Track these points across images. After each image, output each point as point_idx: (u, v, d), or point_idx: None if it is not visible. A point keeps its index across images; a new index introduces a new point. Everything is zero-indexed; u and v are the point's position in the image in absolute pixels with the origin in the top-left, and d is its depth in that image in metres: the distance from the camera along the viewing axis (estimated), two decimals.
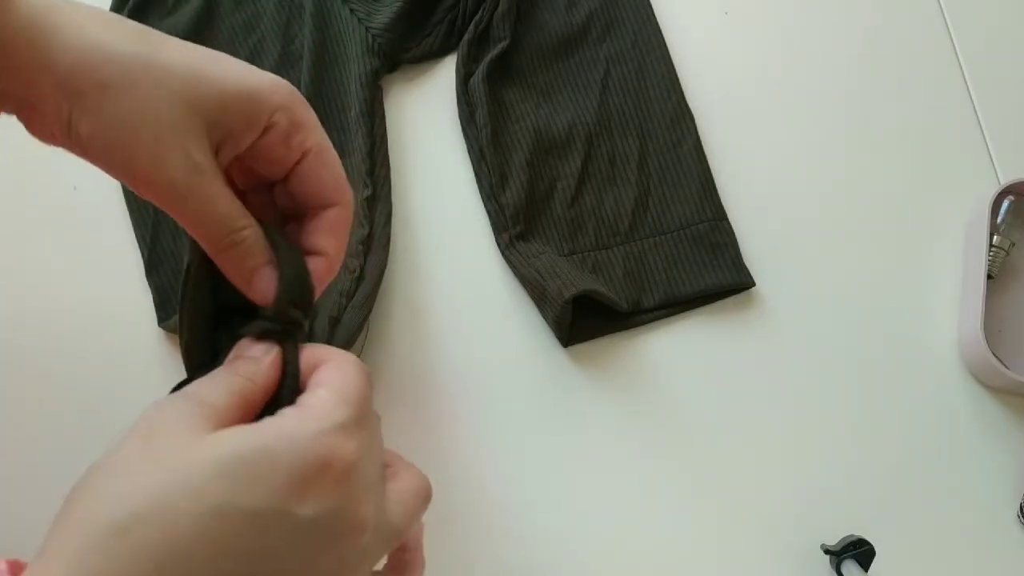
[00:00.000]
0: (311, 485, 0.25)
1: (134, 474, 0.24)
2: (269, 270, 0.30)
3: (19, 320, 0.53)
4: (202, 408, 0.26)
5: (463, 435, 0.52)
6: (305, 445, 0.25)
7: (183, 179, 0.28)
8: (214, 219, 0.29)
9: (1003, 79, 0.60)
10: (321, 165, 0.31)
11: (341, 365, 0.29)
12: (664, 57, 0.58)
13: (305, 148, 0.31)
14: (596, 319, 0.53)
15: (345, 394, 0.28)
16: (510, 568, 0.50)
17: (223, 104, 0.29)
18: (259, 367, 0.29)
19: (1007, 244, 0.54)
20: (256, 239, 0.30)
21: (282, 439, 0.25)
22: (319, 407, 0.27)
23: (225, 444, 0.25)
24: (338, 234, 0.32)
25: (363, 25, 0.57)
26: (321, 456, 0.25)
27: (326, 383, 0.28)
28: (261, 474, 0.24)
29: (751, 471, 0.52)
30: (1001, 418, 0.54)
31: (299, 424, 0.26)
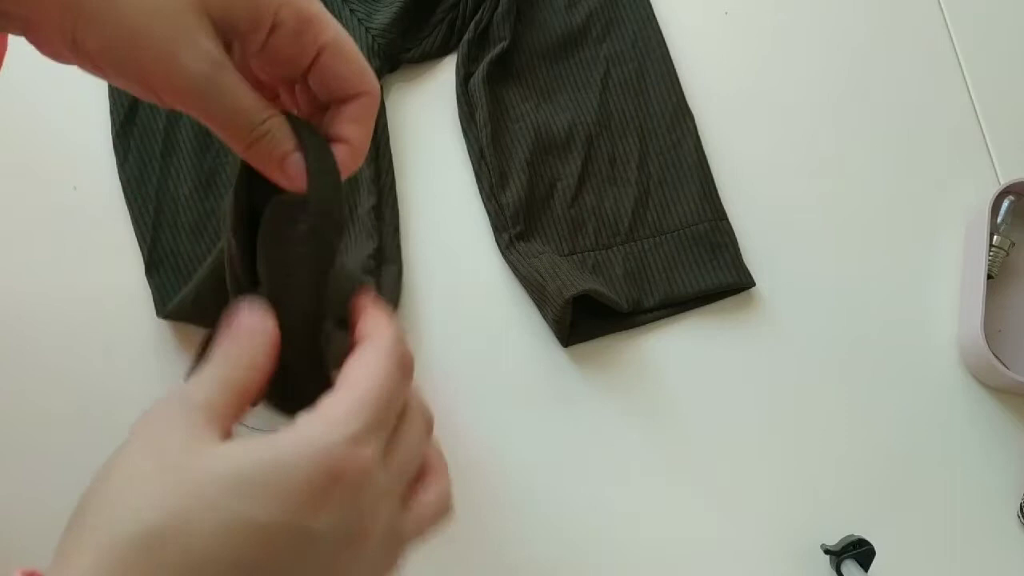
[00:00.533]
0: (323, 498, 0.25)
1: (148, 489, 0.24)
2: (300, 156, 0.30)
3: (19, 319, 0.53)
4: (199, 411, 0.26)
5: (463, 434, 0.52)
6: (316, 458, 0.25)
7: (202, 73, 0.27)
8: (239, 112, 0.28)
9: (1003, 79, 0.60)
10: (338, 59, 0.31)
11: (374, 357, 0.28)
12: (664, 57, 0.58)
13: (320, 44, 0.30)
14: (596, 319, 0.53)
15: (364, 398, 0.27)
16: (510, 567, 0.50)
17: (228, 8, 0.28)
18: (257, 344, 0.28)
19: (1007, 244, 0.54)
20: (282, 126, 0.29)
21: (294, 452, 0.25)
22: (334, 415, 0.26)
23: (238, 457, 0.25)
24: (362, 121, 0.32)
25: (363, 25, 0.57)
26: (331, 469, 0.25)
27: (348, 382, 0.28)
28: (275, 489, 0.24)
29: (751, 471, 0.52)
30: (1001, 418, 0.54)
31: (311, 435, 0.26)
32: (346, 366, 0.28)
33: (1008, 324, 0.55)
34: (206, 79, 0.27)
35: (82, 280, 0.53)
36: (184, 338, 0.52)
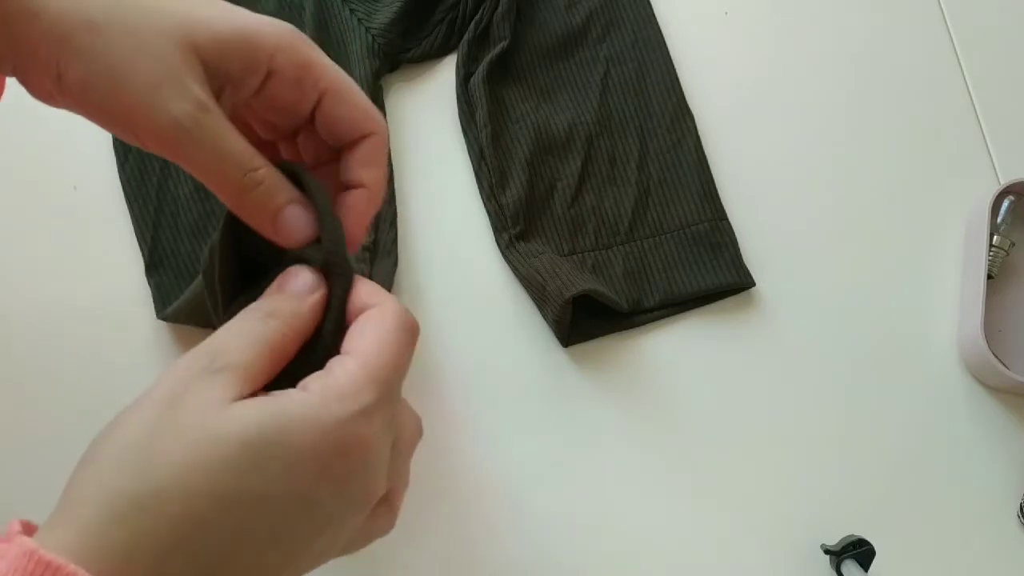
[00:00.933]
0: (328, 470, 0.25)
1: (156, 447, 0.24)
2: (295, 208, 0.28)
3: (19, 319, 0.53)
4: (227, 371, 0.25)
5: (462, 434, 0.52)
6: (325, 430, 0.25)
7: (187, 117, 0.26)
8: (226, 158, 0.27)
9: (1003, 79, 0.60)
10: (341, 103, 0.30)
11: (381, 323, 0.28)
12: (664, 57, 0.58)
13: (321, 89, 0.29)
14: (596, 319, 0.53)
15: (376, 371, 0.27)
16: (509, 567, 0.50)
17: (219, 47, 0.27)
18: (301, 308, 0.28)
19: (1007, 244, 0.54)
20: (275, 178, 0.28)
21: (302, 422, 0.25)
22: (345, 386, 0.26)
23: (248, 423, 0.24)
24: (375, 163, 0.31)
25: (363, 25, 0.57)
26: (340, 443, 0.25)
27: (359, 350, 0.27)
28: (279, 459, 0.24)
29: (751, 471, 0.52)
30: (1001, 418, 0.54)
31: (321, 405, 0.25)
32: (356, 331, 0.28)
33: (1008, 324, 0.55)
34: (190, 121, 0.26)
35: (82, 281, 0.53)
36: (184, 340, 0.52)
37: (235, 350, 0.26)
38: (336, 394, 0.26)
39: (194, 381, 0.25)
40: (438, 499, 0.50)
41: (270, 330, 0.27)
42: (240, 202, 0.28)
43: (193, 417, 0.24)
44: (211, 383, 0.25)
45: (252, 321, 0.27)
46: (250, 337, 0.26)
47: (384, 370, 0.27)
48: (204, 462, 0.24)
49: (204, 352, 0.26)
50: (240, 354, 0.26)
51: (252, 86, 0.28)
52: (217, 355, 0.26)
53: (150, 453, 0.24)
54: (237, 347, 0.26)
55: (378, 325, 0.28)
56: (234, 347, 0.26)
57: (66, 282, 0.53)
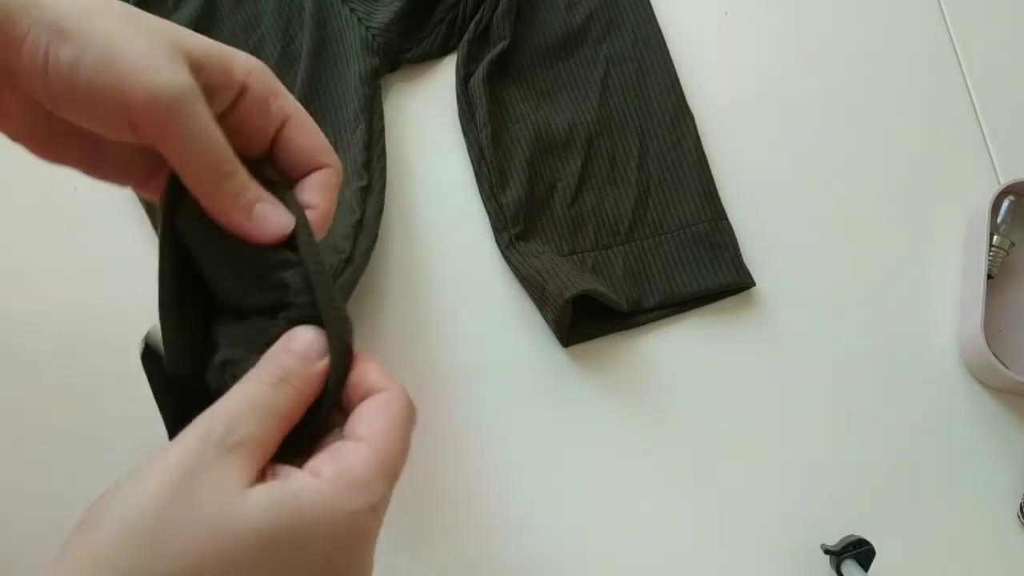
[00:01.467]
0: (333, 563, 0.25)
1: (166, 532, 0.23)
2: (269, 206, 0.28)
3: (18, 320, 0.53)
4: (245, 450, 0.25)
5: (462, 435, 0.52)
6: (337, 523, 0.25)
7: (182, 90, 0.26)
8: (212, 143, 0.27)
9: (1003, 79, 0.60)
10: (302, 131, 0.31)
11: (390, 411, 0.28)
12: (664, 57, 0.58)
13: (285, 114, 0.30)
14: (596, 319, 0.53)
15: (388, 462, 0.26)
16: (509, 567, 0.50)
17: (201, 55, 0.28)
18: (311, 373, 0.27)
19: (1007, 244, 0.54)
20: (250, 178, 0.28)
21: (316, 513, 0.25)
22: (359, 476, 0.26)
23: (263, 513, 0.24)
24: (327, 190, 0.31)
25: (363, 24, 0.57)
26: (350, 538, 0.25)
27: (371, 437, 0.27)
28: (293, 552, 0.24)
29: (751, 471, 0.52)
30: (1001, 418, 0.54)
31: (336, 497, 0.25)
32: (366, 415, 0.27)
33: (1008, 324, 0.55)
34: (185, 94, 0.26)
35: (82, 281, 0.53)
36: None
37: (250, 423, 0.26)
38: (350, 484, 0.25)
39: (208, 458, 0.25)
40: (437, 499, 0.50)
41: (283, 398, 0.26)
42: (217, 190, 0.28)
43: (208, 504, 0.24)
44: (227, 463, 0.25)
45: (264, 387, 0.27)
46: (264, 408, 0.26)
47: (395, 461, 0.27)
48: (218, 554, 0.23)
49: (217, 422, 0.25)
50: (255, 428, 0.26)
51: (227, 100, 0.29)
52: (232, 428, 0.25)
53: (160, 538, 0.23)
54: (251, 419, 0.26)
55: (388, 413, 0.28)
56: (249, 419, 0.26)
57: (66, 283, 0.53)
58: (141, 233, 0.54)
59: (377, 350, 0.53)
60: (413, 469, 0.38)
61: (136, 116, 0.26)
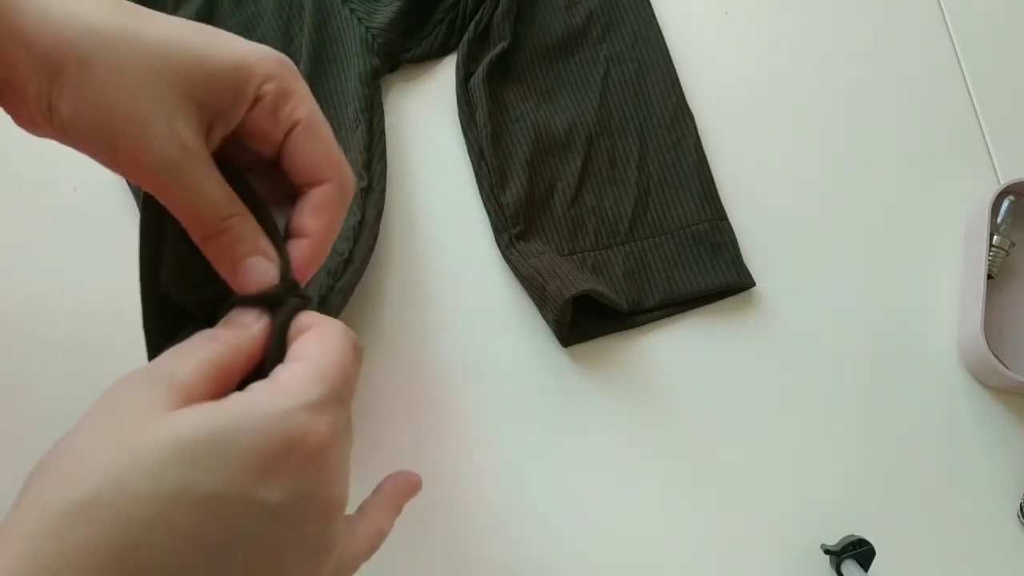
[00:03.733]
0: (277, 468, 0.24)
1: (90, 455, 0.23)
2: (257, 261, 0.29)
3: (18, 320, 0.53)
4: (167, 384, 0.25)
5: (462, 435, 0.52)
6: (271, 424, 0.24)
7: (170, 161, 0.26)
8: (202, 204, 0.27)
9: (1003, 79, 0.60)
10: (310, 138, 0.30)
11: (324, 335, 0.27)
12: (664, 57, 0.58)
13: (294, 120, 0.29)
14: (596, 319, 0.53)
15: (322, 369, 0.26)
16: (509, 567, 0.50)
17: (211, 80, 0.27)
18: (245, 332, 0.27)
19: (1007, 244, 0.54)
20: (245, 227, 0.28)
21: (246, 418, 0.24)
22: (291, 383, 0.25)
23: (185, 424, 0.23)
24: (326, 214, 0.30)
25: (363, 25, 0.57)
26: (289, 437, 0.24)
27: (304, 355, 0.27)
28: (221, 456, 0.23)
29: (751, 471, 0.52)
30: (1001, 418, 0.54)
31: (266, 401, 0.24)
32: (299, 343, 0.27)
33: (1008, 324, 0.55)
34: (173, 164, 0.26)
35: (82, 281, 0.53)
36: None
37: (177, 367, 0.26)
38: (280, 390, 0.25)
39: (132, 391, 0.25)
40: (437, 498, 0.50)
41: (211, 349, 0.27)
42: (207, 244, 0.28)
43: (129, 426, 0.24)
44: (150, 394, 0.25)
45: (196, 340, 0.27)
46: (193, 356, 0.26)
47: (330, 369, 0.26)
48: (141, 465, 0.23)
49: (145, 369, 0.26)
50: (181, 370, 0.26)
51: (239, 115, 0.28)
52: (157, 371, 0.26)
53: (83, 462, 0.23)
54: (179, 364, 0.26)
55: (323, 335, 0.28)
56: (176, 364, 0.26)
57: (66, 283, 0.53)
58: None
59: (376, 350, 0.53)
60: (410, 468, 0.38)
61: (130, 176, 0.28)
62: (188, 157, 0.27)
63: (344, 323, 0.29)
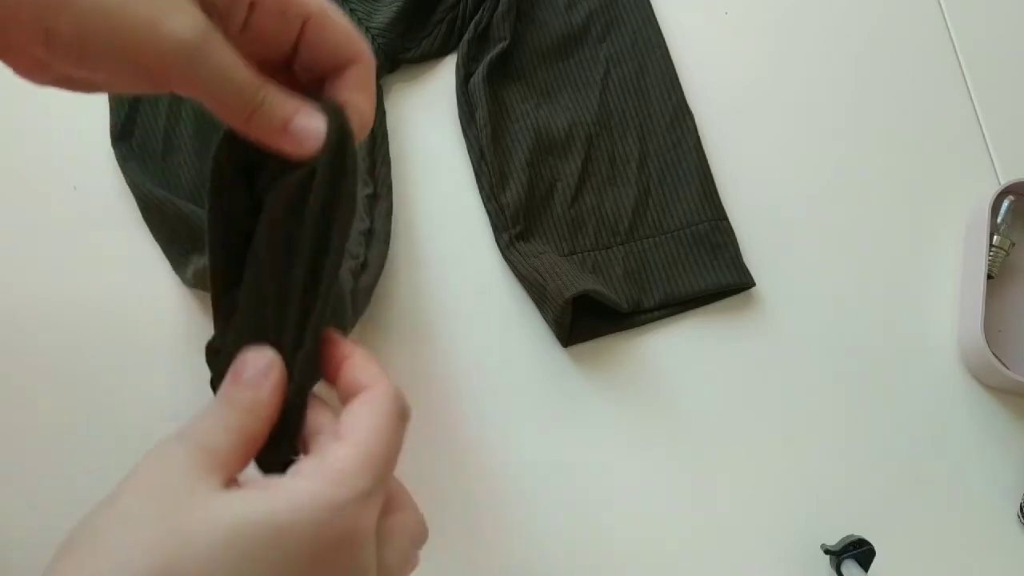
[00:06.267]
0: (324, 561, 0.24)
1: (139, 534, 0.22)
2: (305, 113, 0.27)
3: (18, 320, 0.53)
4: (202, 454, 0.24)
5: (462, 435, 0.52)
6: (322, 518, 0.24)
7: (192, 42, 0.25)
8: (233, 80, 0.26)
9: (1003, 79, 0.60)
10: (324, 29, 0.29)
11: (377, 408, 0.27)
12: (664, 57, 0.58)
13: (304, 15, 0.28)
14: (596, 319, 0.53)
15: (371, 457, 0.25)
16: (509, 567, 0.50)
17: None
18: (258, 395, 0.27)
19: (1007, 244, 0.54)
20: (278, 94, 0.27)
21: (298, 511, 0.23)
22: (341, 470, 0.25)
23: (237, 512, 0.23)
24: (361, 87, 0.30)
25: (363, 25, 0.57)
26: (339, 533, 0.24)
27: (354, 437, 0.26)
28: (273, 550, 0.23)
29: (751, 471, 0.52)
30: (1001, 418, 0.54)
31: (317, 492, 0.24)
32: (350, 414, 0.27)
33: (1008, 324, 0.55)
34: (196, 46, 0.25)
35: (82, 281, 0.53)
36: (185, 339, 0.52)
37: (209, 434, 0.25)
38: (332, 478, 0.24)
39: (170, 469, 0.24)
40: (437, 498, 0.50)
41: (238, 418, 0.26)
42: (251, 122, 0.27)
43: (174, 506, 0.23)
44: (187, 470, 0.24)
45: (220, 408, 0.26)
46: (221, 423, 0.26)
47: (379, 457, 0.26)
48: (191, 552, 0.22)
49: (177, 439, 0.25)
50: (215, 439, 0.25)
51: (239, 18, 0.28)
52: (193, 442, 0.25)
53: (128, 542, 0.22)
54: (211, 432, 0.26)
55: (373, 410, 0.27)
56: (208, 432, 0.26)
57: (66, 282, 0.53)
58: (141, 232, 0.54)
59: (377, 350, 0.53)
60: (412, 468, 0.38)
61: (154, 73, 0.26)
62: (208, 36, 0.26)
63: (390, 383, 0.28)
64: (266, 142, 0.28)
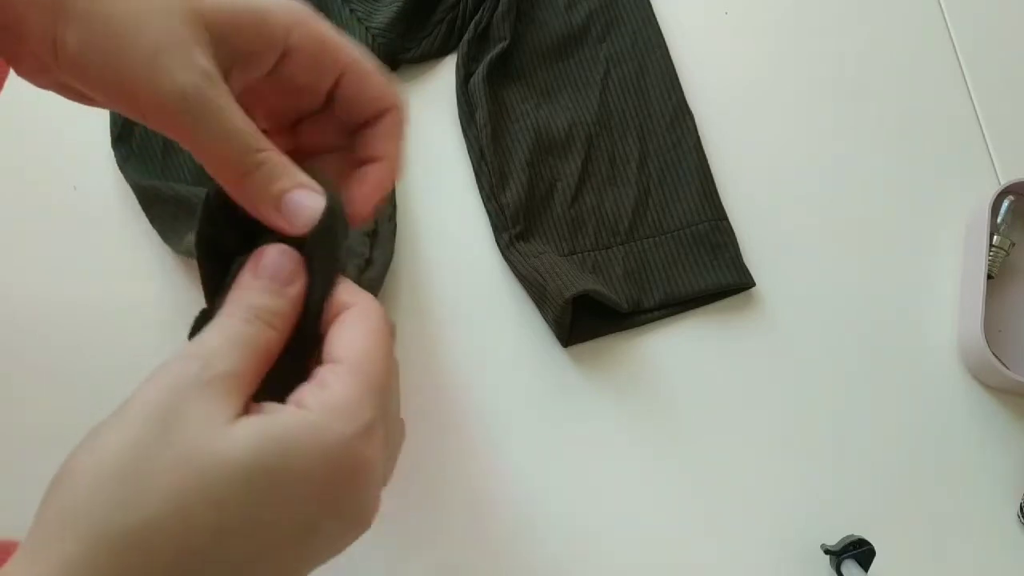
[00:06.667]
0: (333, 497, 0.24)
1: (149, 471, 0.22)
2: (303, 192, 0.26)
3: (18, 320, 0.53)
4: (223, 383, 0.24)
5: (462, 434, 0.52)
6: (332, 454, 0.23)
7: (192, 85, 0.24)
8: (230, 135, 0.25)
9: (1003, 79, 0.60)
10: (362, 80, 0.28)
11: (367, 326, 0.26)
12: (664, 57, 0.58)
13: (340, 67, 0.28)
14: (596, 319, 0.53)
15: (372, 381, 0.25)
16: (509, 566, 0.50)
17: (229, 20, 0.25)
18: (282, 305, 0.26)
19: (1007, 244, 0.54)
20: (280, 160, 0.26)
21: (308, 444, 0.23)
22: (345, 400, 0.24)
23: (251, 447, 0.23)
24: (394, 136, 0.29)
25: (363, 25, 0.57)
26: (349, 467, 0.24)
27: (351, 359, 0.25)
28: (287, 487, 0.23)
29: (751, 471, 0.52)
30: (1001, 418, 0.54)
31: (324, 426, 0.24)
32: (341, 334, 0.26)
33: (1008, 324, 0.55)
34: (195, 92, 0.24)
35: (82, 281, 0.53)
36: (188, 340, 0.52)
37: (225, 356, 0.24)
38: (337, 411, 0.24)
39: (187, 393, 0.23)
40: (437, 498, 0.50)
41: (256, 332, 0.25)
42: (241, 185, 0.26)
43: (190, 440, 0.22)
44: (206, 397, 0.23)
45: (236, 321, 0.25)
46: (238, 341, 0.25)
47: (378, 379, 0.25)
48: (205, 492, 0.22)
49: (193, 358, 0.24)
50: (231, 361, 0.24)
51: (266, 65, 0.27)
52: (208, 363, 0.24)
53: (142, 479, 0.22)
54: (227, 353, 0.24)
55: (364, 329, 0.26)
56: (224, 353, 0.24)
57: (66, 282, 0.53)
58: (141, 232, 0.54)
59: None
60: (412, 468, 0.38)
61: (147, 115, 0.25)
62: (211, 85, 0.25)
63: None
64: (253, 210, 0.27)
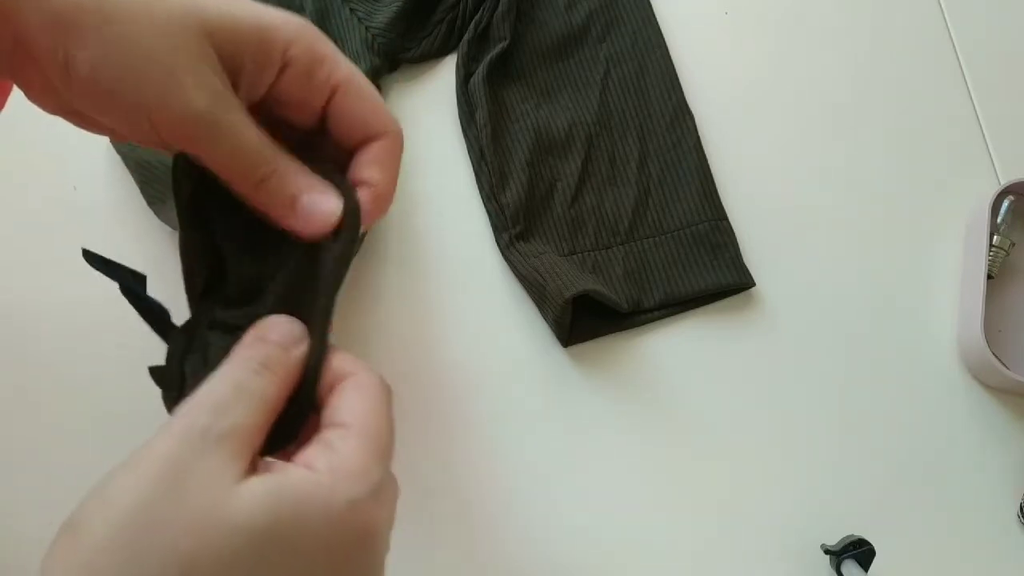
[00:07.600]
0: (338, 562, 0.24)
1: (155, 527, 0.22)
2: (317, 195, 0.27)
3: (18, 319, 0.53)
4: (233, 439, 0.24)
5: (462, 435, 0.52)
6: (339, 517, 0.23)
7: (206, 107, 0.25)
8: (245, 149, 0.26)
9: (1003, 79, 0.60)
10: (355, 98, 0.28)
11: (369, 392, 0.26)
12: (664, 57, 0.58)
13: (333, 84, 0.28)
14: (596, 319, 0.53)
15: (377, 443, 0.25)
16: (509, 567, 0.50)
17: (234, 38, 0.26)
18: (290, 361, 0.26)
19: (1007, 244, 0.54)
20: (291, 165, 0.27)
21: (316, 507, 0.23)
22: (353, 464, 0.24)
23: (258, 508, 0.23)
24: (385, 165, 0.29)
25: (363, 24, 0.57)
26: (357, 531, 0.24)
27: (356, 424, 0.26)
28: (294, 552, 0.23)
29: (751, 471, 0.52)
30: (1001, 418, 0.54)
31: (333, 488, 0.24)
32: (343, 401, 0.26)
33: (1008, 324, 0.55)
34: (208, 111, 0.25)
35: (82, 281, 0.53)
36: None
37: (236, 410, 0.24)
38: (346, 474, 0.24)
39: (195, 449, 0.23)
40: (437, 499, 0.50)
41: (266, 384, 0.25)
42: (258, 191, 0.27)
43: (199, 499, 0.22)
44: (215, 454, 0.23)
45: (246, 373, 0.25)
46: (249, 394, 0.25)
47: (384, 442, 0.26)
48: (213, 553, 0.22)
49: (203, 410, 0.24)
50: (242, 416, 0.24)
51: (268, 79, 0.27)
52: (218, 416, 0.24)
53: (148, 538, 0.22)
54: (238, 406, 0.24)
55: (366, 395, 0.27)
56: (235, 406, 0.24)
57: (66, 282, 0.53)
58: (141, 231, 0.54)
59: (376, 350, 0.53)
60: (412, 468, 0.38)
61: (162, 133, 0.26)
62: (222, 102, 0.25)
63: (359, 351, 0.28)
64: (271, 214, 0.27)
